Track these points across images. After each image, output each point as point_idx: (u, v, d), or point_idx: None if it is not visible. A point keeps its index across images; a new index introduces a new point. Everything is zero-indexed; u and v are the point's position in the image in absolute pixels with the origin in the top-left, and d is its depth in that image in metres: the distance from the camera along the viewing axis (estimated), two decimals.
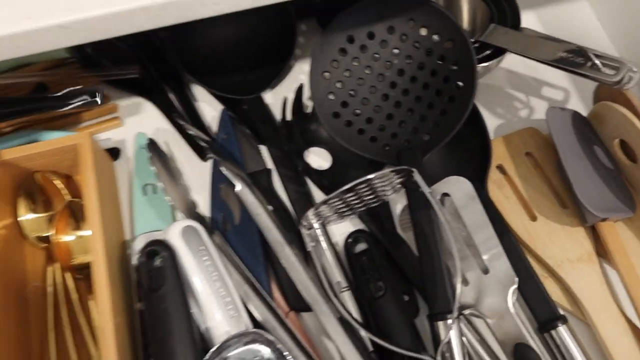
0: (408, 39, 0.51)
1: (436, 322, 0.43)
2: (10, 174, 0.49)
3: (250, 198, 0.47)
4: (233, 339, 0.41)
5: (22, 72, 0.57)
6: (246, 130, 0.55)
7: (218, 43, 0.58)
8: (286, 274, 0.48)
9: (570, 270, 0.48)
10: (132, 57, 0.57)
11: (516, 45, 0.52)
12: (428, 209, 0.45)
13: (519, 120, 0.57)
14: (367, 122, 0.52)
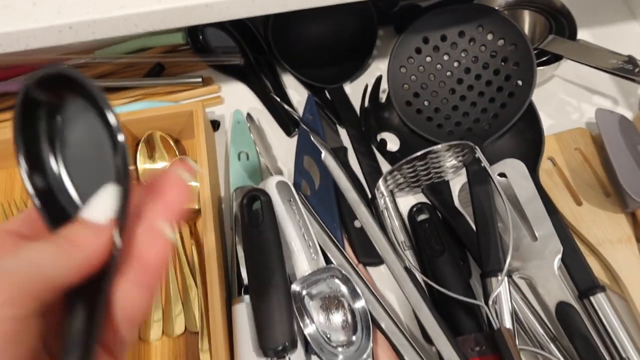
0: (476, 42, 0.60)
1: (488, 278, 0.49)
2: (134, 129, 0.59)
3: (333, 163, 0.55)
4: (318, 271, 0.49)
5: (144, 54, 0.68)
6: (328, 113, 0.64)
7: (309, 39, 0.68)
8: (357, 233, 0.56)
9: (610, 249, 0.53)
10: (236, 47, 0.67)
11: (572, 53, 0.59)
12: (485, 184, 0.53)
13: (570, 122, 0.64)
14: (435, 112, 0.60)
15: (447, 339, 0.47)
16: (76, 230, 0.23)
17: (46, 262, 0.22)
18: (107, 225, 0.24)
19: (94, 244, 0.23)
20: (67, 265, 0.22)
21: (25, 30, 0.46)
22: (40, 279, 0.21)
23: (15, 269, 0.21)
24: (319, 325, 0.48)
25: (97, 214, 0.24)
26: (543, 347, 0.49)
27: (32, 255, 0.22)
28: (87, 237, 0.23)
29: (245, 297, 0.49)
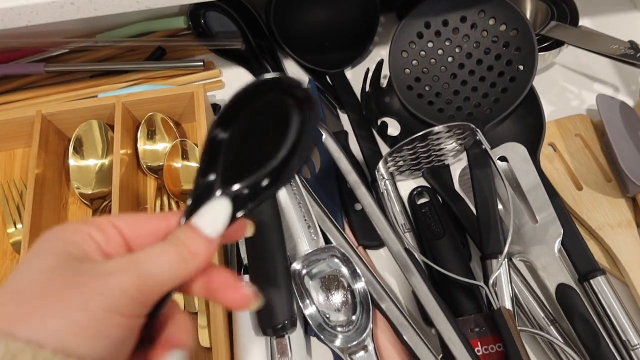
0: (478, 28, 0.60)
1: (489, 260, 0.49)
2: (135, 111, 0.59)
3: (334, 146, 0.55)
4: (318, 250, 0.49)
5: (146, 38, 0.68)
6: (329, 98, 0.64)
7: (311, 25, 0.68)
8: (358, 216, 0.56)
9: (610, 234, 0.53)
10: (237, 32, 0.67)
11: (574, 39, 0.59)
12: (486, 167, 0.53)
13: (571, 109, 0.64)
14: (436, 96, 0.60)
15: (447, 320, 0.46)
16: (192, 238, 0.24)
17: (171, 268, 0.23)
18: (217, 239, 0.25)
19: (205, 256, 0.24)
20: (183, 273, 0.24)
21: (28, 5, 0.46)
22: (164, 282, 0.23)
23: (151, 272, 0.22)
24: (319, 305, 0.48)
25: (210, 226, 0.25)
26: (543, 329, 0.49)
27: (163, 260, 0.23)
28: (202, 248, 0.24)
29: (244, 276, 0.49)
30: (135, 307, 0.22)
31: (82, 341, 0.20)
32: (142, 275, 0.22)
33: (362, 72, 0.63)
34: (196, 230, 0.25)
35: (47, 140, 0.57)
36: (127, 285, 0.22)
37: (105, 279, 0.22)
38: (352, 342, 0.46)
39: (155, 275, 0.23)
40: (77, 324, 0.20)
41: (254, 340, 0.47)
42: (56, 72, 0.66)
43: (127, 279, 0.22)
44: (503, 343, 0.45)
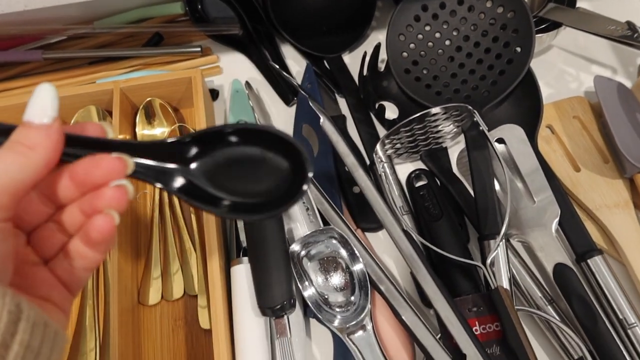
0: (475, 10, 0.60)
1: (486, 241, 0.49)
2: (133, 97, 0.59)
3: (331, 128, 0.55)
4: (317, 232, 0.49)
5: (143, 25, 0.68)
6: (327, 82, 0.64)
7: (308, 9, 0.68)
8: (356, 199, 0.56)
9: (607, 214, 0.54)
10: (234, 17, 0.67)
11: (571, 20, 0.59)
12: (483, 148, 0.53)
13: (569, 91, 0.64)
14: (433, 79, 0.60)
15: (445, 299, 0.47)
16: (26, 133, 0.25)
17: (11, 167, 0.24)
18: (53, 124, 0.25)
19: (46, 145, 0.25)
20: (28, 167, 0.24)
21: None
22: (11, 182, 0.23)
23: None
24: (318, 286, 0.49)
25: (39, 115, 0.25)
26: (540, 309, 0.49)
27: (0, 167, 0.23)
28: (39, 139, 0.24)
29: (243, 259, 0.50)
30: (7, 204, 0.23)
31: None
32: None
33: (360, 56, 0.63)
34: (28, 124, 0.25)
35: None
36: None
37: None
38: (351, 322, 0.47)
39: (7, 176, 0.23)
40: None
41: (254, 320, 0.47)
42: (54, 58, 0.66)
43: None
44: (500, 322, 0.46)
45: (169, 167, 0.29)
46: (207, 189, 0.29)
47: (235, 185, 0.30)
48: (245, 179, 0.30)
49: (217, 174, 0.30)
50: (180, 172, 0.29)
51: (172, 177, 0.29)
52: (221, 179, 0.30)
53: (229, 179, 0.30)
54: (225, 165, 0.30)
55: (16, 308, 0.22)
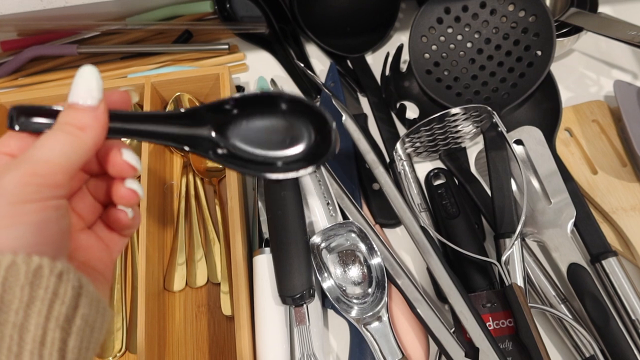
0: (497, 13, 0.61)
1: (502, 239, 0.51)
2: (163, 91, 0.62)
3: (353, 126, 0.57)
4: (337, 225, 0.51)
5: (173, 22, 0.71)
6: (349, 81, 0.66)
7: (333, 10, 0.70)
8: (375, 195, 0.58)
9: (624, 217, 0.54)
10: (261, 17, 0.69)
11: (592, 25, 0.60)
12: (502, 149, 0.54)
13: (589, 95, 0.64)
14: (454, 80, 0.62)
15: (459, 294, 0.48)
16: (74, 114, 0.26)
17: (66, 149, 0.25)
18: (100, 105, 0.26)
19: (96, 126, 0.26)
20: (81, 147, 0.25)
21: None
22: (67, 161, 0.25)
23: (45, 157, 0.24)
24: (336, 278, 0.50)
25: (85, 97, 0.26)
26: (553, 307, 0.50)
27: (52, 145, 0.25)
28: (89, 120, 0.26)
29: (265, 249, 0.51)
30: (43, 191, 0.24)
31: (4, 236, 0.22)
32: (32, 163, 0.24)
33: (382, 56, 0.65)
34: (75, 105, 0.26)
35: None
36: (20, 175, 0.23)
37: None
38: (367, 313, 0.48)
39: (49, 159, 0.24)
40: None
41: (274, 308, 0.49)
42: (88, 53, 0.69)
43: (17, 171, 0.23)
44: (513, 318, 0.47)
45: (198, 132, 0.30)
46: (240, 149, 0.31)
47: (265, 146, 0.31)
48: (274, 142, 0.31)
49: (247, 137, 0.31)
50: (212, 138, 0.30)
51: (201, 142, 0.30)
52: (250, 141, 0.31)
53: (257, 142, 0.31)
54: (253, 130, 0.31)
55: (78, 283, 0.24)
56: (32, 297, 0.22)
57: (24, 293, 0.22)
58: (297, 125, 0.31)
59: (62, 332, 0.23)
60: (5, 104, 0.60)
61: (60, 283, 0.23)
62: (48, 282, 0.23)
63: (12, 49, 0.70)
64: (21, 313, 0.22)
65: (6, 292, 0.22)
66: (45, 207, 0.24)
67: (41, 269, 0.22)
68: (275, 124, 0.31)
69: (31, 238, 0.23)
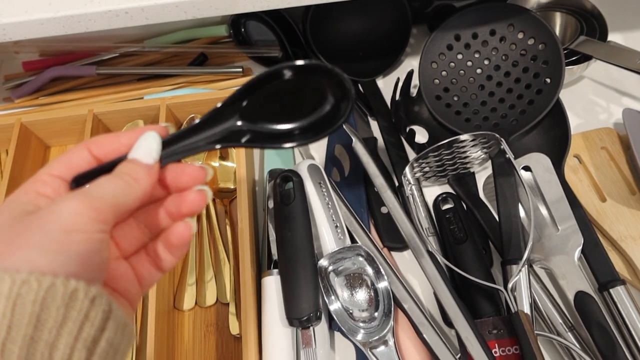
0: (506, 41, 0.62)
1: (509, 265, 0.51)
2: (177, 113, 0.63)
3: (362, 150, 0.58)
4: (344, 249, 0.52)
5: (189, 45, 0.73)
6: (360, 105, 0.67)
7: (345, 35, 0.71)
8: (383, 219, 0.58)
9: (632, 245, 0.54)
10: (275, 40, 0.71)
11: (601, 54, 0.60)
12: (510, 175, 0.54)
13: (598, 122, 0.65)
14: (463, 106, 0.62)
15: (465, 320, 0.49)
16: (133, 167, 0.29)
17: (119, 192, 0.28)
18: (154, 165, 0.30)
19: (147, 181, 0.29)
20: (131, 195, 0.28)
21: (87, 13, 0.50)
22: (116, 202, 0.27)
23: (101, 195, 0.27)
24: (343, 301, 0.51)
25: (145, 156, 0.30)
26: (560, 335, 0.50)
27: (109, 186, 0.28)
28: (143, 175, 0.29)
29: (274, 270, 0.52)
30: (92, 224, 0.26)
31: (50, 259, 0.24)
32: (91, 196, 0.26)
33: (393, 80, 0.66)
34: (134, 160, 0.29)
35: None
36: (75, 205, 0.25)
37: (56, 205, 0.26)
38: (373, 337, 0.49)
39: (104, 196, 0.27)
40: (41, 247, 0.24)
41: (281, 330, 0.49)
42: (106, 74, 0.71)
43: (75, 201, 0.26)
44: (519, 345, 0.47)
45: (229, 126, 0.31)
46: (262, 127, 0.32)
47: (285, 118, 0.32)
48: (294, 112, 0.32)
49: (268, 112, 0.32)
50: (239, 126, 0.32)
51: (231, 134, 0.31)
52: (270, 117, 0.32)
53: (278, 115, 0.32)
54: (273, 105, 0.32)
55: (109, 307, 0.26)
56: (65, 318, 0.24)
57: (59, 313, 0.24)
58: (315, 90, 0.32)
59: (87, 352, 0.24)
60: (26, 124, 0.62)
61: (92, 307, 0.25)
62: (82, 304, 0.24)
63: (34, 70, 0.73)
64: (54, 332, 0.23)
65: (43, 311, 0.23)
66: (91, 239, 0.26)
67: (77, 292, 0.24)
68: (292, 95, 0.32)
69: (73, 266, 0.25)
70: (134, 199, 0.29)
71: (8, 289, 0.23)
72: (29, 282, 0.23)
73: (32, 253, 0.24)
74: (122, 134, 0.31)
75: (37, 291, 0.23)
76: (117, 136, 0.31)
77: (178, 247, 0.32)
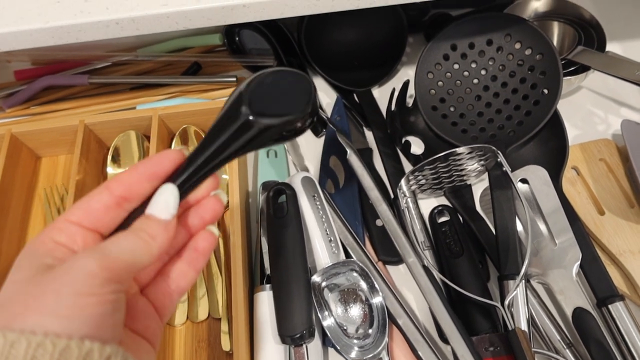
0: (503, 51, 0.61)
1: (505, 281, 0.50)
2: (170, 123, 0.62)
3: (357, 162, 0.57)
4: (338, 264, 0.51)
5: (182, 54, 0.72)
6: (355, 116, 0.66)
7: (341, 44, 0.70)
8: (378, 232, 0.57)
9: (631, 260, 0.53)
10: (269, 50, 0.70)
11: (599, 64, 0.60)
12: (507, 188, 0.54)
13: (596, 133, 0.64)
14: (460, 117, 0.62)
15: (461, 337, 0.48)
16: (149, 224, 0.29)
17: (135, 250, 0.28)
18: (172, 221, 0.30)
19: (164, 237, 0.29)
20: (148, 253, 0.28)
21: (76, 24, 0.50)
22: (132, 261, 0.27)
23: (117, 254, 0.27)
24: (337, 317, 0.50)
25: (162, 212, 0.29)
26: (558, 352, 0.49)
27: (125, 245, 0.28)
28: (160, 231, 0.29)
29: (266, 286, 0.51)
30: (107, 286, 0.25)
31: (65, 323, 0.24)
32: (106, 256, 0.26)
33: (389, 90, 0.65)
34: (151, 217, 0.29)
35: (88, 148, 0.61)
36: (90, 267, 0.25)
37: (71, 265, 0.25)
38: (368, 354, 0.48)
39: (120, 256, 0.27)
40: (55, 313, 0.24)
41: (273, 347, 0.48)
42: (98, 83, 0.70)
43: (89, 261, 0.25)
44: None
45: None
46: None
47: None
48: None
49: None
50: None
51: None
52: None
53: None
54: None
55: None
56: None
57: None
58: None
59: None
60: (16, 134, 0.61)
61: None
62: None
63: (25, 79, 0.72)
64: None
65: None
66: (104, 300, 0.25)
67: (92, 352, 0.24)
68: None
69: (87, 328, 0.25)
70: (150, 257, 0.28)
71: (24, 351, 0.23)
72: (44, 344, 0.23)
73: (45, 320, 0.24)
74: (139, 165, 0.30)
75: (52, 353, 0.23)
76: (135, 168, 0.30)
77: (204, 254, 0.32)
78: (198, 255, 0.32)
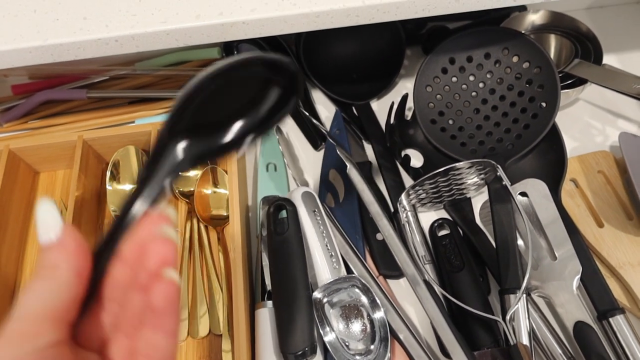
0: (501, 64, 0.61)
1: (506, 295, 0.50)
2: None
3: (357, 176, 0.57)
4: (339, 280, 0.50)
5: (181, 67, 0.72)
6: (354, 129, 0.66)
7: (339, 57, 0.70)
8: (379, 246, 0.57)
9: (631, 272, 0.54)
10: None
11: (597, 77, 0.60)
12: (506, 202, 0.54)
13: (594, 145, 0.64)
14: (459, 130, 0.62)
15: (463, 352, 0.48)
16: (45, 256, 0.25)
17: (42, 294, 0.24)
18: (62, 237, 0.25)
19: (67, 259, 0.24)
20: (59, 287, 0.24)
21: (76, 42, 0.50)
22: (47, 308, 0.23)
23: (29, 312, 0.23)
24: (338, 333, 0.50)
25: (45, 234, 0.25)
26: None
27: (31, 295, 0.24)
28: (56, 255, 0.24)
29: (268, 302, 0.51)
30: (35, 343, 0.22)
31: None
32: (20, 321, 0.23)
33: (388, 103, 0.65)
34: (43, 246, 0.25)
35: (87, 164, 0.60)
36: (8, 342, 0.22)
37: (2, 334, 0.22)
38: None
39: (31, 312, 0.23)
40: None
41: None
42: (97, 97, 0.70)
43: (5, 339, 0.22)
44: None
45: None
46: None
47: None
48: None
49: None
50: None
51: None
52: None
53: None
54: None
55: None
56: None
57: None
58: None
59: None
60: (14, 150, 0.61)
61: None
62: None
63: (23, 93, 0.71)
64: None
65: None
66: (40, 357, 0.22)
67: None
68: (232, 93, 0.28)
69: None
70: (67, 289, 0.24)
71: None
72: None
73: None
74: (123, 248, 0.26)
75: None
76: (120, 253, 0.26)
77: (166, 312, 0.24)
78: (158, 315, 0.24)
